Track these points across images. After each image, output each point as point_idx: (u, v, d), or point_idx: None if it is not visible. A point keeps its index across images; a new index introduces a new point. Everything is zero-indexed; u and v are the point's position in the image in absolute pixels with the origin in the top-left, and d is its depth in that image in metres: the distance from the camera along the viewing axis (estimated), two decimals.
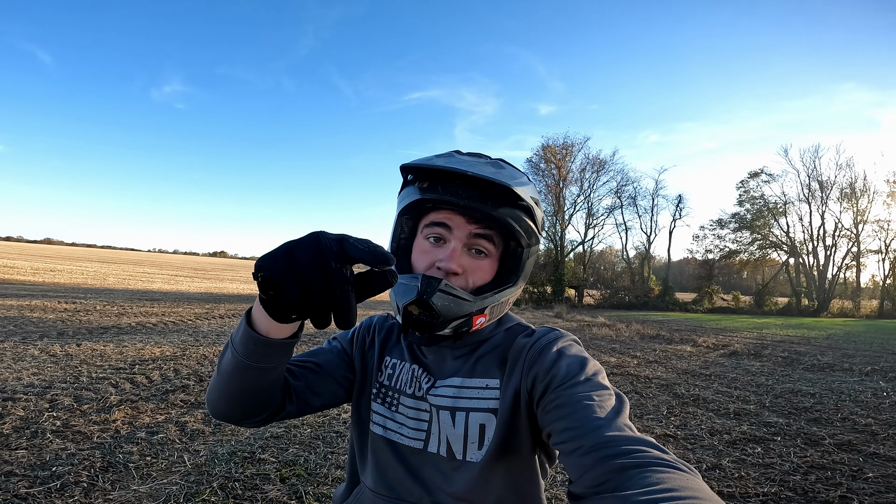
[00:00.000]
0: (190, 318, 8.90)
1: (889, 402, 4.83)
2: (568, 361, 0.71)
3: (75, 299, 10.07)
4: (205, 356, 5.55)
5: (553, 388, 0.68)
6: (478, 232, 0.76)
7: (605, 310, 25.18)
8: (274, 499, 2.29)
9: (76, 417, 3.07)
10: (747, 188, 31.84)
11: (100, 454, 2.52)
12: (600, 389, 0.65)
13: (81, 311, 8.40)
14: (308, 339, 7.27)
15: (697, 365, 7.09)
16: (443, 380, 0.79)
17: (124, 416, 3.20)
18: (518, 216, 0.74)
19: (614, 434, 0.57)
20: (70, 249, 67.57)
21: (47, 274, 16.65)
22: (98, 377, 4.18)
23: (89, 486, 2.17)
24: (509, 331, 0.83)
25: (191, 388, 4.09)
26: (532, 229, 0.77)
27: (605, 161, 31.13)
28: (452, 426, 0.76)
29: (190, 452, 2.70)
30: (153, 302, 11.20)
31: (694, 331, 12.96)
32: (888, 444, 3.48)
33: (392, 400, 0.83)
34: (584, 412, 0.61)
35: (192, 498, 2.19)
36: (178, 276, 24.75)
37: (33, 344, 5.34)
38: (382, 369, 0.86)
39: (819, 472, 2.92)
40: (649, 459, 0.52)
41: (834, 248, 29.58)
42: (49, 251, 47.46)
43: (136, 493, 2.16)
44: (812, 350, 9.14)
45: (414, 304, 0.72)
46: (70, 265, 23.85)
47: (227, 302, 13.09)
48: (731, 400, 4.79)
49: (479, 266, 0.77)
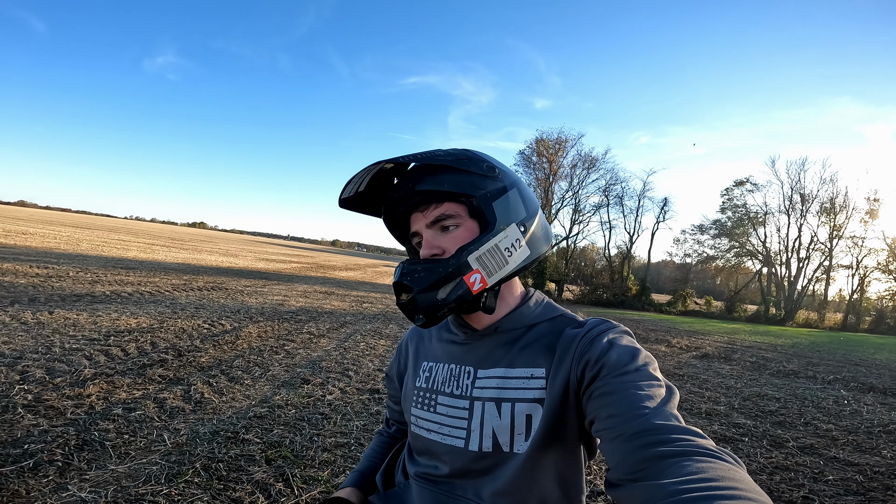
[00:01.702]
0: (167, 289, 8.59)
1: (849, 410, 4.97)
2: (619, 351, 0.70)
3: (48, 264, 9.59)
4: (183, 329, 5.34)
5: (602, 376, 0.67)
6: (431, 215, 0.78)
7: (583, 306, 25.56)
8: (260, 480, 2.18)
9: (48, 391, 2.88)
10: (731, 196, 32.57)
11: (74, 431, 2.35)
12: (650, 379, 0.65)
13: (54, 277, 8.00)
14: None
15: (671, 365, 7.20)
16: (485, 370, 0.79)
17: (99, 390, 3.02)
18: (446, 178, 0.75)
19: (659, 422, 0.56)
20: (44, 213, 64.71)
21: (19, 237, 15.86)
22: (71, 348, 3.95)
23: (64, 466, 2.01)
24: (554, 321, 0.82)
25: (169, 363, 3.91)
26: (473, 179, 0.76)
27: (597, 159, 31.31)
28: (499, 417, 0.75)
29: (170, 431, 2.56)
30: (129, 270, 10.78)
31: (668, 332, 13.27)
32: (847, 450, 3.57)
33: (430, 401, 0.83)
34: (630, 400, 0.60)
35: (174, 479, 2.06)
36: (154, 245, 23.95)
37: (3, 310, 5.04)
38: (420, 374, 0.88)
39: (783, 473, 2.97)
40: (692, 448, 0.50)
41: (807, 260, 30.43)
42: (22, 213, 45.34)
43: (113, 473, 2.02)
44: (778, 357, 9.39)
45: (399, 292, 0.76)
46: (43, 229, 22.82)
47: (205, 274, 12.71)
48: (703, 400, 4.87)
49: (455, 236, 0.77)
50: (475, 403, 0.77)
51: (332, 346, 5.64)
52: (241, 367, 4.13)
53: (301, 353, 5.02)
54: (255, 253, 32.11)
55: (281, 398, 3.40)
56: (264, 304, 8.49)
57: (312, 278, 16.86)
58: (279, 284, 12.70)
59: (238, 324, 6.17)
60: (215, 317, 6.44)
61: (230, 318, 6.56)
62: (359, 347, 5.72)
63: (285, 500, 2.04)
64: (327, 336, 6.22)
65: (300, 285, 13.30)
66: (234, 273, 14.48)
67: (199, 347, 4.60)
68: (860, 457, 3.41)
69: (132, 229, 44.48)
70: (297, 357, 4.79)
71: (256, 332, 5.80)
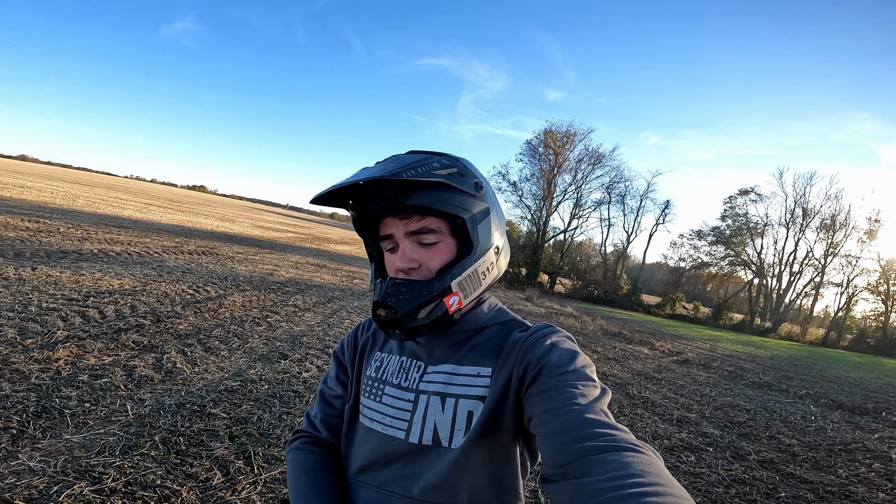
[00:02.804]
0: (157, 251, 8.48)
1: (815, 427, 4.97)
2: (559, 353, 0.71)
3: (39, 218, 9.43)
4: (166, 294, 5.25)
5: (541, 376, 0.68)
6: (412, 227, 0.76)
7: (574, 300, 25.54)
8: (220, 457, 2.12)
9: (17, 353, 2.80)
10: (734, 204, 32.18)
11: (35, 397, 2.28)
12: (585, 380, 0.66)
13: (43, 232, 7.86)
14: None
15: (651, 368, 7.22)
16: (434, 366, 0.80)
17: (69, 354, 2.95)
18: (434, 195, 0.73)
19: (588, 417, 0.57)
20: (43, 167, 63.59)
21: (15, 189, 15.60)
22: (48, 307, 3.87)
23: (18, 433, 1.94)
24: (505, 325, 0.84)
25: (146, 329, 3.83)
26: (460, 198, 0.75)
27: (604, 156, 30.89)
28: (442, 412, 0.76)
29: (134, 401, 2.49)
30: (121, 229, 10.63)
31: (653, 334, 13.32)
32: (804, 466, 3.57)
33: (377, 391, 0.83)
34: (563, 397, 0.62)
35: (128, 451, 2.00)
36: (151, 205, 23.67)
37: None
38: (372, 363, 0.88)
39: (739, 487, 2.97)
40: (614, 443, 0.52)
41: (799, 275, 30.19)
42: (22, 167, 44.61)
43: (67, 443, 1.95)
44: (756, 368, 9.43)
45: (379, 307, 0.75)
46: (40, 183, 22.47)
47: (198, 237, 12.57)
48: (677, 406, 4.87)
49: (434, 252, 0.77)
50: (420, 397, 0.78)
51: (317, 321, 5.58)
52: (220, 337, 4.07)
53: (284, 326, 4.96)
54: (251, 220, 31.88)
55: (255, 372, 3.34)
56: (253, 272, 8.40)
57: (306, 249, 16.76)
58: (272, 253, 12.59)
59: (223, 291, 6.09)
60: (201, 283, 6.35)
61: (216, 284, 6.47)
62: (343, 325, 5.67)
63: (243, 479, 1.99)
64: (313, 310, 6.16)
65: (293, 256, 13.20)
66: (228, 239, 14.34)
67: (179, 314, 4.53)
68: (816, 475, 3.41)
69: (131, 188, 43.97)
70: (278, 330, 4.73)
71: (241, 301, 5.72)
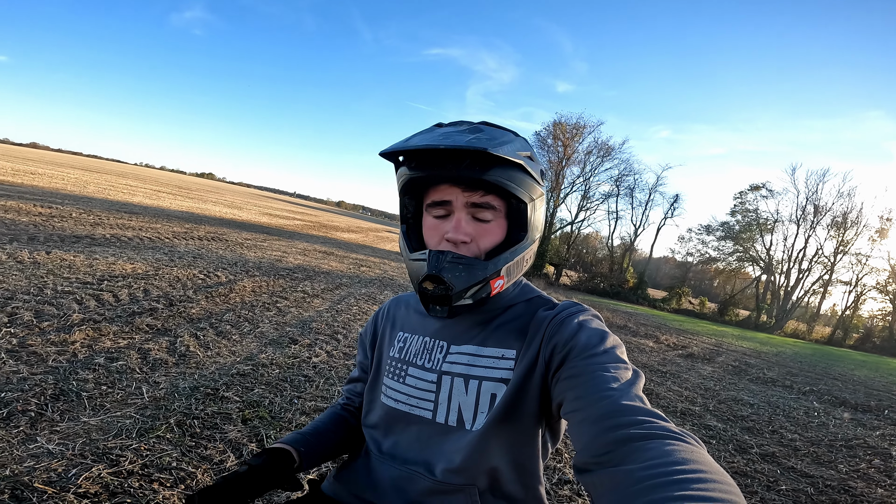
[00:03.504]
0: (168, 236, 8.50)
1: (817, 422, 4.94)
2: (588, 334, 0.69)
3: (52, 204, 9.47)
4: (178, 278, 5.27)
5: (570, 358, 0.67)
6: (476, 199, 0.73)
7: (579, 293, 25.44)
8: (233, 440, 2.13)
9: (34, 336, 2.81)
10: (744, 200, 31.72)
11: (53, 380, 2.29)
12: (617, 362, 0.64)
13: (56, 217, 7.89)
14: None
15: (656, 361, 7.17)
16: (458, 346, 0.78)
17: (84, 337, 2.96)
18: (511, 174, 0.71)
19: (624, 404, 0.55)
20: (54, 155, 63.68)
21: (27, 176, 15.65)
22: (63, 290, 3.88)
23: (37, 416, 1.95)
24: (530, 302, 0.81)
25: (159, 312, 3.85)
26: (529, 183, 0.74)
27: (613, 148, 30.52)
28: (465, 393, 0.75)
29: (149, 384, 2.50)
30: (132, 215, 10.66)
31: (658, 328, 13.20)
32: (805, 461, 3.55)
33: (401, 372, 0.82)
34: (596, 382, 0.60)
35: (145, 433, 2.01)
36: (161, 192, 23.73)
37: (1, 248, 4.96)
38: (395, 344, 0.87)
39: (740, 479, 2.95)
40: (655, 431, 0.50)
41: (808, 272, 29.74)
42: (33, 154, 44.71)
43: (85, 426, 1.96)
44: (760, 364, 9.35)
45: (427, 280, 0.72)
46: (52, 170, 22.54)
47: (208, 224, 12.60)
48: (681, 399, 4.84)
49: (487, 230, 0.75)
50: (444, 378, 0.77)
51: (325, 307, 5.59)
52: (231, 321, 4.08)
53: (293, 311, 4.97)
54: (259, 207, 31.92)
55: (266, 357, 3.35)
56: (262, 258, 8.42)
57: (314, 237, 16.77)
58: (280, 240, 12.61)
59: (234, 276, 6.11)
60: (212, 268, 6.37)
61: (226, 269, 6.49)
62: (351, 311, 5.68)
63: None
64: (321, 297, 6.17)
65: (300, 243, 13.22)
66: (237, 225, 14.37)
67: (191, 298, 4.54)
68: (816, 469, 3.39)
69: (140, 175, 44.07)
70: (288, 315, 4.75)
71: (251, 286, 5.74)
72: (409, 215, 0.82)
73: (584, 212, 31.67)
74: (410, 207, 0.82)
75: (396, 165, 0.78)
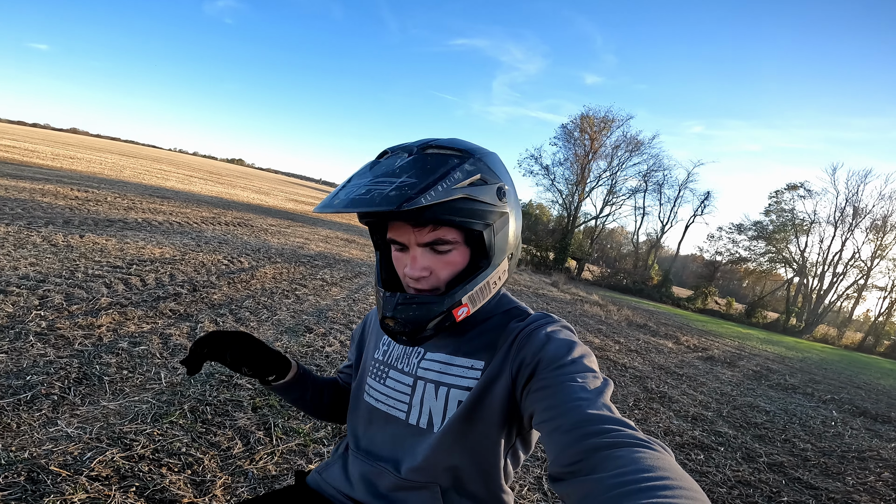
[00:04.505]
0: (196, 221, 8.70)
1: (833, 432, 4.76)
2: (556, 345, 0.70)
3: (88, 188, 9.79)
4: (203, 263, 5.40)
5: (539, 371, 0.67)
6: (425, 238, 0.72)
7: (601, 288, 24.79)
8: (242, 427, 2.19)
9: (63, 319, 2.93)
10: (780, 199, 30.28)
11: (77, 363, 2.38)
12: (585, 371, 0.65)
13: (91, 201, 8.16)
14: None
15: (674, 363, 6.99)
16: (432, 353, 0.81)
17: (111, 321, 3.07)
18: (454, 208, 0.67)
19: (593, 413, 0.56)
20: (93, 140, 65.77)
21: (66, 160, 16.20)
22: (94, 274, 4.02)
23: (59, 399, 2.04)
24: (506, 313, 0.82)
25: (182, 297, 3.95)
26: (481, 210, 0.70)
27: (642, 143, 29.46)
28: (435, 399, 0.77)
29: (167, 369, 2.58)
30: (164, 199, 10.95)
31: (680, 328, 12.84)
32: (814, 472, 3.43)
33: (382, 374, 0.86)
34: (565, 392, 0.61)
35: (159, 419, 2.08)
36: (193, 177, 24.28)
37: (37, 231, 5.15)
38: (380, 347, 0.90)
39: (743, 489, 2.86)
40: (623, 439, 0.51)
41: (843, 275, 28.38)
42: (73, 139, 46.22)
43: (104, 410, 2.04)
44: (783, 369, 9.04)
45: (386, 318, 0.74)
46: (90, 154, 23.27)
47: (235, 209, 12.85)
48: (694, 404, 4.71)
49: (447, 261, 0.74)
50: (418, 382, 0.80)
51: (343, 295, 5.66)
52: (250, 308, 4.17)
53: (311, 299, 5.05)
54: (285, 193, 32.38)
55: (281, 345, 3.42)
56: (285, 244, 8.56)
57: (337, 224, 16.95)
58: (303, 227, 12.78)
59: (256, 262, 6.23)
60: (236, 253, 6.51)
61: (250, 255, 6.62)
62: (368, 300, 5.73)
63: (262, 449, 2.05)
64: (340, 285, 6.24)
65: (323, 230, 13.37)
66: (262, 211, 14.62)
67: (214, 283, 4.65)
68: (823, 481, 3.27)
69: (174, 160, 45.14)
70: (305, 304, 4.82)
71: (272, 273, 5.84)
72: (380, 242, 0.84)
73: (609, 206, 30.97)
74: (378, 239, 0.84)
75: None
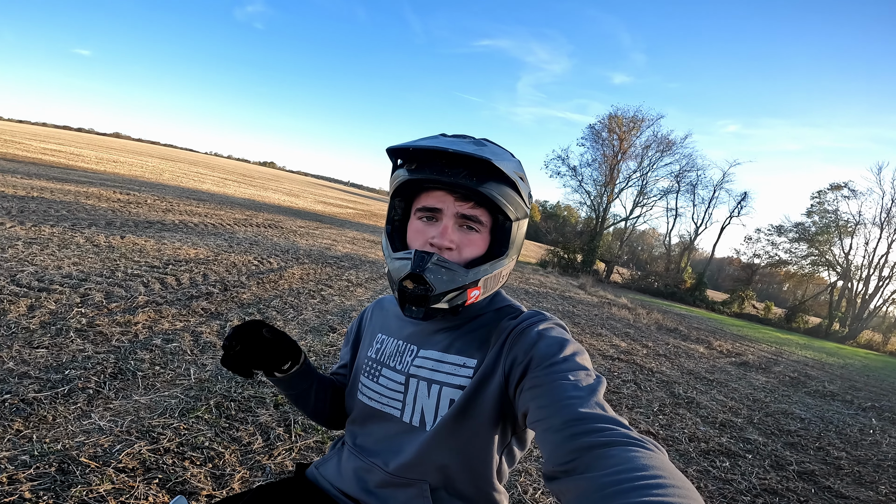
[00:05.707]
0: (229, 223, 8.95)
1: (870, 441, 4.51)
2: (547, 343, 0.69)
3: (129, 191, 10.20)
4: (234, 264, 5.55)
5: (532, 369, 0.67)
6: (466, 210, 0.75)
7: (630, 291, 23.86)
8: (264, 423, 2.24)
9: (102, 316, 3.06)
10: (822, 200, 28.14)
11: (114, 359, 2.48)
12: (577, 369, 0.64)
13: (132, 204, 8.50)
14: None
15: (704, 368, 6.68)
16: (425, 351, 0.80)
17: (146, 318, 3.19)
18: (503, 191, 0.73)
19: (585, 411, 0.56)
20: (135, 144, 68.44)
21: (109, 164, 16.92)
22: (132, 273, 4.19)
23: (94, 393, 2.13)
24: (499, 311, 0.83)
25: (214, 297, 4.08)
26: (518, 203, 0.76)
27: (674, 143, 27.84)
28: (427, 396, 0.77)
29: (197, 366, 2.67)
30: (200, 202, 11.31)
31: (713, 332, 12.28)
32: (846, 481, 3.26)
33: (375, 372, 0.85)
34: (557, 391, 0.61)
35: (187, 413, 2.15)
36: (227, 179, 25.00)
37: (80, 232, 5.40)
38: (373, 345, 0.90)
39: (768, 497, 2.73)
40: (616, 438, 0.51)
41: (889, 279, 26.52)
42: (115, 144, 48.19)
43: (135, 404, 2.12)
44: (822, 376, 8.58)
45: (408, 278, 0.72)
46: (132, 158, 24.23)
47: (266, 211, 13.16)
48: (723, 410, 4.51)
49: (471, 240, 0.76)
50: (411, 380, 0.79)
51: (367, 296, 5.72)
52: (277, 307, 4.26)
53: (336, 300, 5.12)
54: (315, 195, 32.96)
55: (305, 344, 3.48)
56: (313, 246, 8.71)
57: (364, 226, 17.15)
58: (331, 228, 12.99)
59: (285, 263, 6.36)
60: (265, 254, 6.66)
61: (279, 256, 6.76)
62: None
63: (281, 445, 2.09)
64: (364, 286, 6.31)
65: (351, 231, 13.56)
66: (292, 213, 14.92)
67: (244, 283, 4.78)
68: (855, 490, 3.11)
69: (210, 164, 46.55)
70: (330, 304, 4.89)
71: (299, 273, 5.96)
72: (397, 217, 0.84)
73: (639, 208, 29.67)
74: (399, 210, 0.84)
75: (394, 167, 0.79)
